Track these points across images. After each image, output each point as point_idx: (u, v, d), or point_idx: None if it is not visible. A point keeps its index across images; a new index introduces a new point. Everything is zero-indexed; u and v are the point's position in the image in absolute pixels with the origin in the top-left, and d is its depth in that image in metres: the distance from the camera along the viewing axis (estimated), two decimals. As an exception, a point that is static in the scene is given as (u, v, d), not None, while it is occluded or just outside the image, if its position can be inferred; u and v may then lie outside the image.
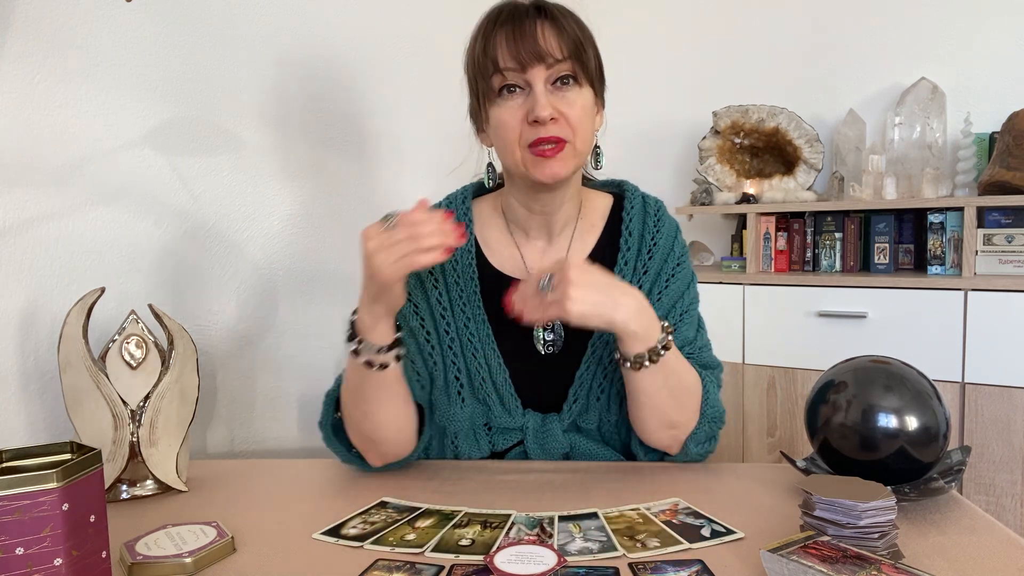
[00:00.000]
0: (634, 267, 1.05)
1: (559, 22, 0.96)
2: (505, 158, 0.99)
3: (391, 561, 0.73)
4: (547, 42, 0.94)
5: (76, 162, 1.14)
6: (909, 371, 0.87)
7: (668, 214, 1.11)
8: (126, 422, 0.96)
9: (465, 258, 1.06)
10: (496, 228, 1.10)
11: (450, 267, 1.05)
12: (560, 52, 0.94)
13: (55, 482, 0.59)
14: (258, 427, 1.44)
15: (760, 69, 2.41)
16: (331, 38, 1.58)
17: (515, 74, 0.94)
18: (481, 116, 1.01)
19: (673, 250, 1.07)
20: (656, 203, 1.10)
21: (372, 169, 1.70)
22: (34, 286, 1.09)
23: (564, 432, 1.04)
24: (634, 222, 1.07)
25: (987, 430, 1.76)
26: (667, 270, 1.06)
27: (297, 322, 1.51)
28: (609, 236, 1.09)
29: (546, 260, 1.08)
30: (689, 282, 1.08)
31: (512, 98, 0.96)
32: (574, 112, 0.95)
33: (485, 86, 0.97)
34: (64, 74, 1.12)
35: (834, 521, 0.71)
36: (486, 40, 0.96)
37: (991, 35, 2.10)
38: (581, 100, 0.96)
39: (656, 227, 1.07)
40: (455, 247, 0.87)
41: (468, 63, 1.00)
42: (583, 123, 0.97)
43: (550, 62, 0.94)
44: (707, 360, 1.07)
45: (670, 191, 2.54)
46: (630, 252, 1.06)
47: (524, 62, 0.93)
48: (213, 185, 1.34)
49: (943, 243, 1.94)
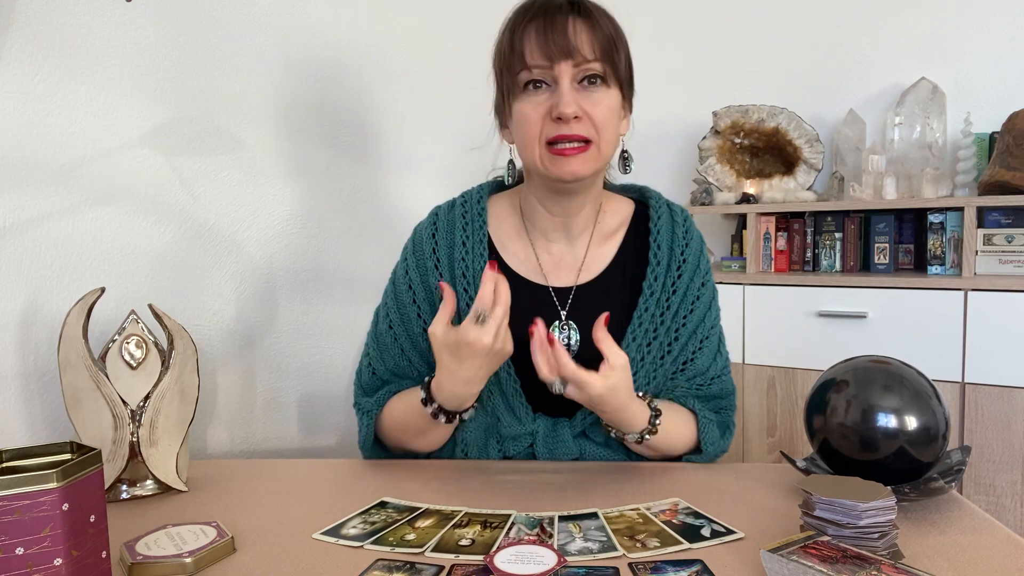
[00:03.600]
0: (663, 284, 1.02)
1: (593, 19, 0.93)
2: (524, 154, 0.97)
3: (391, 561, 0.73)
4: (578, 38, 0.91)
5: (76, 162, 1.14)
6: (909, 371, 0.87)
7: (694, 225, 1.08)
8: (126, 422, 0.96)
9: (477, 261, 1.03)
10: (512, 227, 1.08)
11: (460, 273, 1.03)
12: (591, 50, 0.92)
13: (55, 482, 0.59)
14: (258, 427, 1.44)
15: (760, 69, 2.41)
16: (332, 38, 1.58)
17: (542, 70, 0.92)
18: (505, 111, 1.00)
19: (699, 267, 1.05)
20: (683, 213, 1.08)
21: (372, 169, 1.70)
22: (34, 286, 1.09)
23: (574, 438, 1.02)
24: (663, 235, 1.03)
25: (987, 430, 1.76)
26: (693, 290, 1.03)
27: (297, 322, 1.51)
28: (632, 246, 1.06)
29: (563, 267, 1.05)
30: (711, 302, 1.06)
31: (537, 93, 0.93)
32: (600, 112, 0.93)
33: (510, 80, 0.95)
34: (64, 74, 1.12)
35: (834, 521, 0.71)
36: (514, 33, 0.94)
37: (991, 35, 2.10)
38: (608, 101, 0.94)
39: (685, 240, 1.04)
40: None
41: (495, 56, 0.98)
42: (608, 124, 0.94)
43: (579, 60, 0.91)
44: (718, 390, 1.06)
45: (670, 191, 2.52)
46: (660, 267, 1.02)
47: (552, 57, 0.91)
48: (213, 185, 1.34)
49: (943, 243, 1.94)
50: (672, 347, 1.03)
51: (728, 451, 1.05)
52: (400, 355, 1.07)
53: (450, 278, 1.03)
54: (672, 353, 1.03)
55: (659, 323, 1.01)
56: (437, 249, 1.05)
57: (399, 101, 1.76)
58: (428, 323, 1.03)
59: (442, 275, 1.04)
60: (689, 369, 1.04)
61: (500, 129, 1.05)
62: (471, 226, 1.05)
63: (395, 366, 1.08)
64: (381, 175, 1.73)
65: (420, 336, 1.05)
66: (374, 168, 1.71)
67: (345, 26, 1.61)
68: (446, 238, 1.05)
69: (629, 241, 1.06)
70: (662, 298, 1.02)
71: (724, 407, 1.07)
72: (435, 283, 1.04)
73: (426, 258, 1.05)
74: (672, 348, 1.03)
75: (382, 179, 1.73)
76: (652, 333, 1.01)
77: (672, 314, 1.02)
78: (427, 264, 1.05)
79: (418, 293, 1.05)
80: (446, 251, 1.04)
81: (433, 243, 1.05)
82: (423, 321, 1.04)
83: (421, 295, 1.05)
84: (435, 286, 1.04)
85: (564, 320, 1.03)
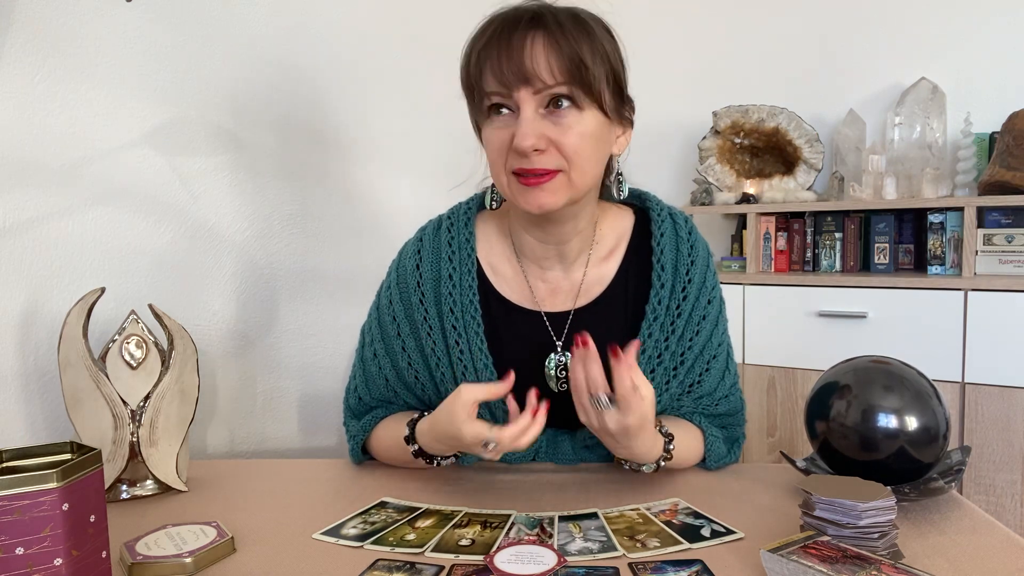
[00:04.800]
0: (667, 306, 0.96)
1: (559, 34, 0.83)
2: (496, 181, 0.91)
3: (391, 561, 0.73)
4: (535, 62, 0.82)
5: (76, 162, 1.14)
6: (909, 371, 0.87)
7: (699, 235, 1.01)
8: (126, 422, 0.96)
9: (464, 295, 0.97)
10: (502, 253, 1.01)
11: (448, 309, 0.97)
12: (551, 74, 0.82)
13: (55, 482, 0.59)
14: (258, 427, 1.44)
15: (760, 69, 2.41)
16: (333, 38, 1.58)
17: (502, 96, 0.85)
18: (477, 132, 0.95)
19: (706, 283, 0.98)
20: (686, 222, 1.00)
21: (372, 169, 1.70)
22: (34, 286, 1.09)
23: (574, 450, 1.01)
24: (666, 254, 0.97)
25: (987, 430, 1.76)
26: (699, 309, 0.97)
27: (297, 322, 1.51)
28: (634, 263, 1.00)
29: (559, 294, 0.99)
30: (718, 317, 1.00)
31: (502, 118, 0.86)
32: (569, 140, 0.84)
33: (476, 103, 0.89)
34: (64, 74, 1.12)
35: (834, 521, 0.71)
36: (471, 53, 0.87)
37: (991, 35, 2.10)
38: (580, 126, 0.85)
39: (691, 258, 0.97)
40: None
41: (461, 76, 0.91)
42: (581, 151, 0.85)
43: (539, 86, 0.83)
44: (728, 408, 1.02)
45: (670, 191, 2.54)
46: (664, 290, 0.95)
47: (509, 84, 0.83)
48: (213, 185, 1.34)
49: (943, 243, 1.94)
50: (678, 371, 0.97)
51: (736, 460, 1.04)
52: (385, 385, 1.03)
53: (436, 313, 0.97)
54: (678, 377, 0.97)
55: (663, 348, 0.96)
56: (422, 283, 0.99)
57: (399, 101, 1.76)
58: (412, 359, 0.99)
59: (427, 310, 0.98)
60: (696, 391, 0.99)
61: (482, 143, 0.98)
62: (458, 254, 0.98)
63: (381, 396, 1.05)
64: (381, 175, 1.73)
65: (405, 370, 1.01)
66: (374, 168, 1.71)
67: (345, 26, 1.61)
68: (431, 269, 0.99)
69: (630, 258, 1.00)
70: (666, 322, 0.96)
71: (731, 423, 1.04)
72: (420, 318, 0.98)
73: (411, 292, 0.99)
74: (678, 372, 0.97)
75: (382, 179, 1.73)
76: (656, 359, 0.96)
77: (677, 338, 0.96)
78: (412, 299, 0.99)
79: (402, 328, 1.00)
80: (432, 284, 0.98)
81: (418, 275, 0.99)
82: (408, 355, 1.00)
83: (406, 330, 1.00)
84: (420, 320, 0.98)
85: (560, 352, 0.98)
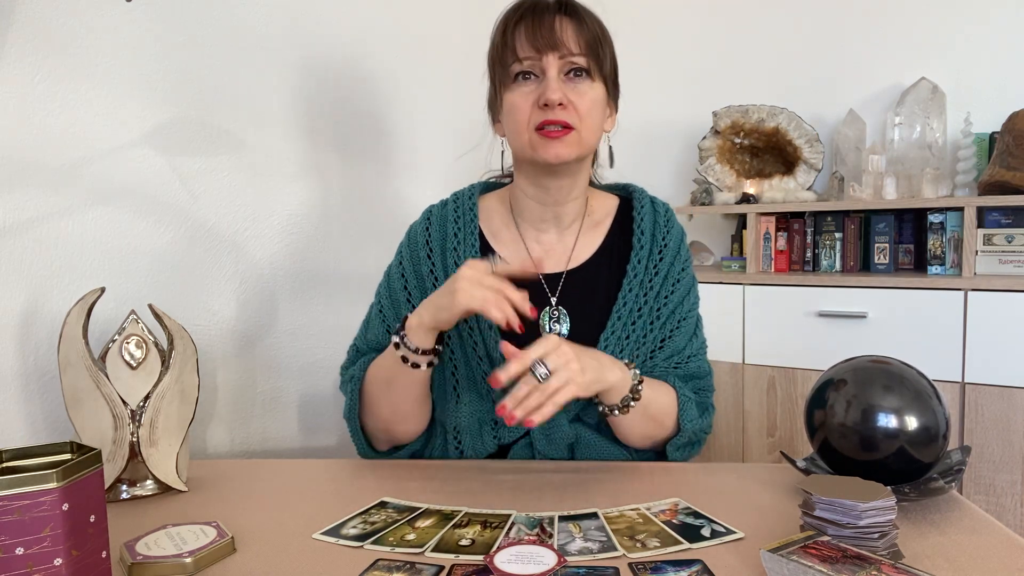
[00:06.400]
0: (646, 266, 1.09)
1: (579, 18, 1.02)
2: (514, 141, 1.04)
3: (391, 561, 0.73)
4: (564, 34, 1.00)
5: (76, 162, 1.14)
6: (909, 371, 0.87)
7: (676, 219, 1.15)
8: (126, 422, 0.96)
9: (468, 251, 1.09)
10: (502, 221, 1.14)
11: (452, 262, 1.08)
12: (576, 45, 1.00)
13: (55, 482, 0.59)
14: (258, 427, 1.44)
15: (760, 69, 2.41)
16: (333, 38, 1.58)
17: (531, 61, 1.00)
18: (497, 103, 1.07)
19: (680, 253, 1.12)
20: (664, 206, 1.15)
21: (372, 169, 1.70)
22: (34, 286, 1.09)
23: (570, 423, 1.05)
24: (646, 221, 1.11)
25: (987, 430, 1.76)
26: (674, 273, 1.10)
27: (297, 322, 1.51)
28: (618, 235, 1.13)
29: (553, 256, 1.11)
30: (689, 288, 1.12)
31: (526, 84, 1.01)
32: (584, 102, 1.00)
33: (503, 72, 1.03)
34: (64, 74, 1.12)
35: (834, 521, 0.71)
36: (506, 29, 1.02)
37: (991, 35, 2.10)
38: (592, 93, 1.02)
39: (667, 228, 1.12)
40: (520, 325, 0.91)
41: (489, 51, 1.06)
42: (591, 114, 1.02)
43: (564, 52, 0.99)
44: (694, 370, 1.11)
45: (670, 191, 2.54)
46: (643, 251, 1.10)
47: (540, 49, 0.99)
48: (213, 185, 1.34)
49: (943, 243, 1.94)
50: (654, 325, 1.09)
51: (711, 430, 1.11)
52: (384, 333, 1.11)
53: (442, 267, 1.09)
54: (654, 331, 1.09)
55: (643, 303, 1.08)
56: (430, 241, 1.12)
57: (400, 101, 1.76)
58: (415, 305, 1.06)
59: (435, 264, 1.10)
60: (667, 347, 1.09)
61: (493, 124, 1.12)
62: (462, 219, 1.12)
63: (377, 342, 1.12)
64: (381, 176, 1.73)
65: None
66: (374, 169, 1.71)
67: (345, 26, 1.61)
68: (439, 231, 1.12)
69: (615, 230, 1.13)
70: (645, 279, 1.09)
71: (702, 388, 1.12)
72: (427, 270, 1.10)
73: (419, 248, 1.12)
74: (654, 327, 1.09)
75: (382, 180, 1.73)
76: (636, 312, 1.08)
77: (655, 294, 1.08)
78: (420, 254, 1.12)
79: (410, 280, 1.11)
80: (439, 243, 1.11)
81: (427, 235, 1.13)
82: (411, 305, 1.09)
83: (413, 282, 1.11)
84: (427, 273, 1.10)
85: (555, 306, 1.08)
